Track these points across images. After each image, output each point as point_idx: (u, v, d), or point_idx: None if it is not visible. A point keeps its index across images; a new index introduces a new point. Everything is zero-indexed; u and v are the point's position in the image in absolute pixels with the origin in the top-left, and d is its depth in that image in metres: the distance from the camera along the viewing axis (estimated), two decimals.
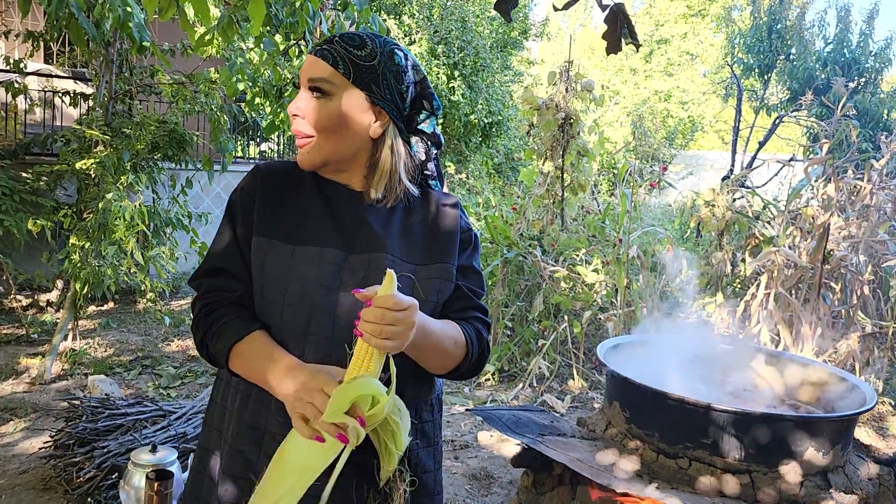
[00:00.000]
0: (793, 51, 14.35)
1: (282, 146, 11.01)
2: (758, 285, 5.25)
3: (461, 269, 1.39)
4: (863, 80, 13.58)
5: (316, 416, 1.09)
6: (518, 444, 2.98)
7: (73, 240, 5.04)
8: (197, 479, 1.39)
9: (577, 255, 6.07)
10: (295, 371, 1.17)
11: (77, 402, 3.74)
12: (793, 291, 5.28)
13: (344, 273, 1.28)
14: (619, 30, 1.38)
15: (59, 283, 6.60)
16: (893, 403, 5.14)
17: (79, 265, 4.92)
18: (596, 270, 5.80)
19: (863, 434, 4.58)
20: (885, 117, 13.40)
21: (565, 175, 6.53)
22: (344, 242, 1.30)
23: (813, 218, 5.38)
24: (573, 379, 5.35)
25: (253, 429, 1.28)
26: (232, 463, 1.30)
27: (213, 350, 1.28)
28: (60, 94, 6.33)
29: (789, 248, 5.39)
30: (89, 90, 6.48)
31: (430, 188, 1.44)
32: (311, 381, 1.14)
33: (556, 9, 1.53)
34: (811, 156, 6.12)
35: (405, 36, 14.04)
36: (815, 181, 5.70)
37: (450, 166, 13.84)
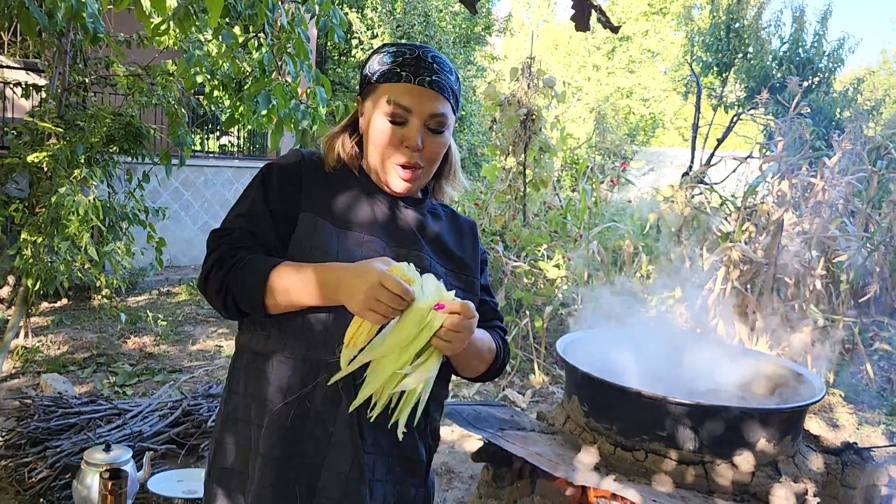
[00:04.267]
0: (750, 49, 14.62)
1: (242, 140, 10.85)
2: (715, 280, 5.35)
3: (483, 289, 1.50)
4: (816, 79, 13.91)
5: (388, 313, 1.13)
6: (479, 439, 2.99)
7: (24, 235, 4.91)
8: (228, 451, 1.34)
9: (539, 251, 6.11)
10: (347, 271, 1.17)
11: (29, 401, 3.67)
12: (748, 286, 5.39)
13: None
14: (586, 7, 1.40)
15: (11, 280, 6.42)
16: (843, 395, 5.29)
17: (30, 261, 4.80)
18: (557, 266, 5.85)
19: (813, 425, 4.70)
20: (838, 116, 13.74)
21: (527, 171, 6.57)
22: (385, 235, 1.34)
23: (768, 214, 5.50)
24: (534, 374, 5.39)
25: (292, 429, 1.26)
26: (266, 470, 1.26)
27: (243, 286, 1.22)
28: (12, 86, 6.14)
29: (745, 243, 5.50)
30: (42, 81, 6.30)
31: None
32: (377, 278, 1.13)
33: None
34: (767, 153, 6.25)
35: (367, 30, 13.96)
36: (770, 178, 5.83)
37: None
